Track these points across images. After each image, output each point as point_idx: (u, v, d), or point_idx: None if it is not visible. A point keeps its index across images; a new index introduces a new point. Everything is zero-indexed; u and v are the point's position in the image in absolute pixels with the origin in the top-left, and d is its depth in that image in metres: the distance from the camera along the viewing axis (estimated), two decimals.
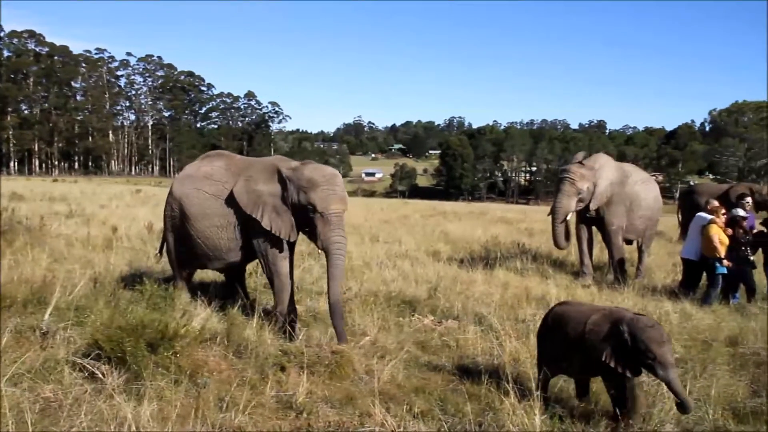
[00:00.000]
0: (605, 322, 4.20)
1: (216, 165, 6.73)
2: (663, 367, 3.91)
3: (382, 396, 4.71)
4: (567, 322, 4.49)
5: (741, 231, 8.53)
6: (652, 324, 4.05)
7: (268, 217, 6.20)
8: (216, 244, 6.55)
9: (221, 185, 6.51)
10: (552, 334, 4.64)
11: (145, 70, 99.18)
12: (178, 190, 6.74)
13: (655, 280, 10.29)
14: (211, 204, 6.48)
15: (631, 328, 4.00)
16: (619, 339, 4.03)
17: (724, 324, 7.13)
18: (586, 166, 9.89)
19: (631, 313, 4.21)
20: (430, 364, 5.62)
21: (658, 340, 3.93)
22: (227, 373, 4.97)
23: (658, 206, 11.04)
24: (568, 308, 4.70)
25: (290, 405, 4.45)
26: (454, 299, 7.64)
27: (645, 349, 3.92)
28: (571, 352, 4.39)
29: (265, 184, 6.31)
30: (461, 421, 4.27)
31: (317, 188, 6.05)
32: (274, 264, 6.31)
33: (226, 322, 5.98)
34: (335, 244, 6.03)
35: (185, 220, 6.61)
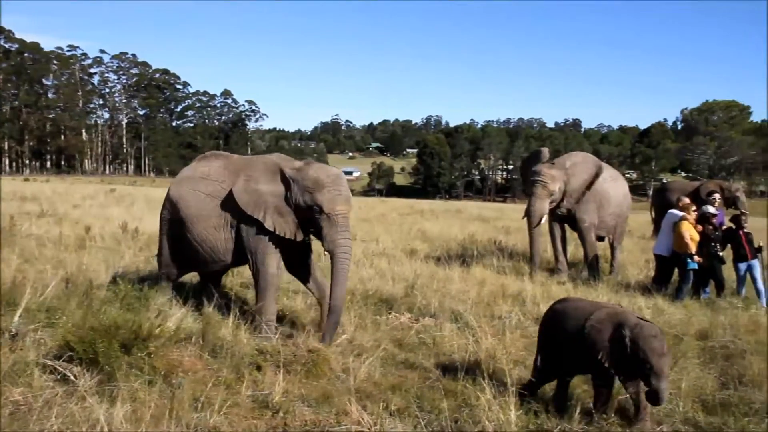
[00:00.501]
0: (608, 321, 4.17)
1: (213, 165, 6.60)
2: (658, 378, 3.90)
3: (358, 394, 4.72)
4: (567, 318, 4.46)
5: (710, 227, 8.70)
6: (655, 333, 4.01)
7: (271, 218, 6.09)
8: (214, 245, 6.40)
9: (218, 185, 6.38)
10: (553, 331, 4.59)
11: (119, 68, 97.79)
12: (174, 192, 6.60)
13: (628, 276, 10.45)
14: (208, 205, 6.34)
15: (634, 334, 3.98)
16: (620, 343, 4.01)
17: (695, 318, 7.27)
18: (556, 166, 9.99)
19: (636, 318, 4.17)
20: (407, 362, 5.63)
21: (659, 351, 3.91)
22: (202, 373, 4.92)
23: (627, 203, 11.23)
24: (569, 304, 4.68)
25: (266, 404, 4.43)
26: (431, 297, 7.67)
27: (644, 358, 3.91)
28: (568, 348, 4.37)
29: (267, 184, 6.19)
30: (438, 417, 4.28)
31: (323, 189, 5.98)
32: (263, 263, 6.18)
33: (201, 322, 5.91)
34: (342, 247, 5.99)
35: (182, 223, 6.45)
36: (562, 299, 5.01)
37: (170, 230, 6.68)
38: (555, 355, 4.53)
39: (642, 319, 4.16)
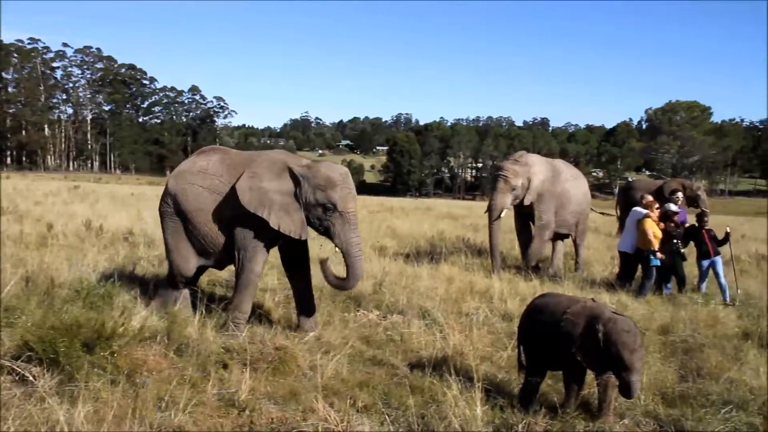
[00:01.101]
0: (582, 314, 4.18)
1: (211, 159, 6.47)
2: (629, 372, 3.94)
3: (325, 391, 4.71)
4: (545, 313, 4.47)
5: (672, 225, 8.92)
6: (629, 328, 4.01)
7: (276, 216, 6.00)
8: (214, 240, 6.32)
9: (216, 179, 6.27)
10: (531, 326, 4.60)
11: (82, 62, 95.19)
12: (172, 186, 6.45)
13: (594, 273, 10.64)
14: (206, 198, 6.25)
15: (607, 328, 3.99)
16: (593, 337, 4.02)
17: (657, 313, 7.45)
18: (519, 163, 10.18)
19: (611, 312, 4.17)
20: (375, 359, 5.65)
21: (631, 346, 3.92)
22: (167, 371, 4.85)
23: (588, 201, 11.47)
24: (548, 299, 4.69)
25: (232, 403, 4.39)
26: (400, 294, 7.69)
27: (616, 353, 3.92)
28: (545, 342, 4.39)
29: (272, 182, 6.08)
30: (404, 414, 4.30)
31: (336, 187, 5.99)
32: (250, 261, 6.13)
33: (166, 321, 5.83)
34: (356, 246, 6.07)
35: (182, 216, 6.35)
36: (542, 295, 5.00)
37: (174, 224, 6.47)
38: (535, 350, 4.55)
39: (617, 314, 4.16)
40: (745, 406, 4.58)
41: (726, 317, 7.34)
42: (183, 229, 6.40)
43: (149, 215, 15.02)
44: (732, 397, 4.74)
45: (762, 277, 10.41)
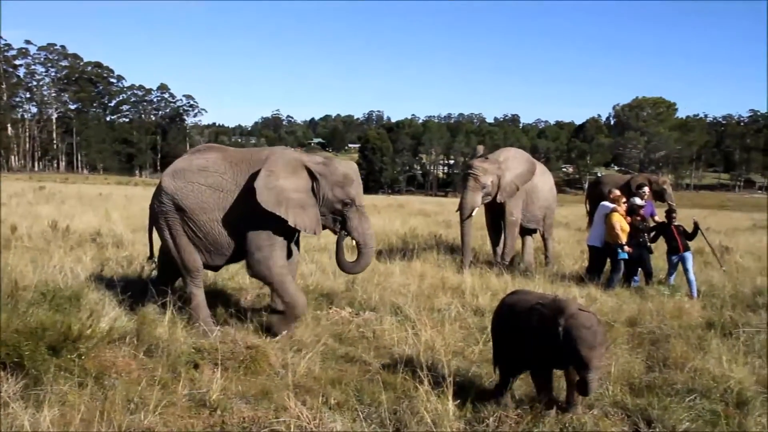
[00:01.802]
0: (548, 309, 4.15)
1: (210, 157, 6.36)
2: (586, 369, 3.90)
3: (298, 389, 4.71)
4: (514, 310, 4.47)
5: (639, 218, 9.09)
6: (589, 325, 3.95)
7: (293, 214, 6.02)
8: (216, 239, 6.23)
9: (219, 176, 6.18)
10: (502, 324, 4.60)
11: (47, 60, 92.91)
12: (170, 185, 6.26)
13: (564, 267, 10.78)
14: (209, 197, 6.15)
15: (568, 324, 3.95)
16: (553, 331, 4.00)
17: (625, 306, 7.58)
18: (489, 161, 10.24)
19: (576, 308, 4.08)
20: (347, 356, 5.66)
21: (589, 343, 3.88)
22: (137, 373, 4.80)
23: (554, 195, 11.66)
24: (519, 296, 4.67)
25: (204, 403, 4.36)
26: (372, 291, 7.70)
27: (574, 349, 3.90)
28: (513, 339, 4.39)
29: (288, 179, 6.07)
30: (377, 410, 4.32)
31: (353, 182, 6.21)
32: (270, 258, 6.10)
33: (136, 321, 5.76)
34: (372, 238, 6.38)
35: (182, 215, 6.22)
36: (513, 292, 4.99)
37: (171, 224, 6.31)
38: (507, 347, 4.55)
39: (582, 310, 4.08)
40: (708, 393, 4.70)
41: (691, 308, 7.51)
42: (182, 227, 6.29)
43: (118, 215, 14.82)
44: (696, 386, 4.86)
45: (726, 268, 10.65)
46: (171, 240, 6.34)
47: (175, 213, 6.25)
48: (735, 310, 7.47)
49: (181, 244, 6.30)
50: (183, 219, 6.24)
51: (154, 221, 6.54)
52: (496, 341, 4.72)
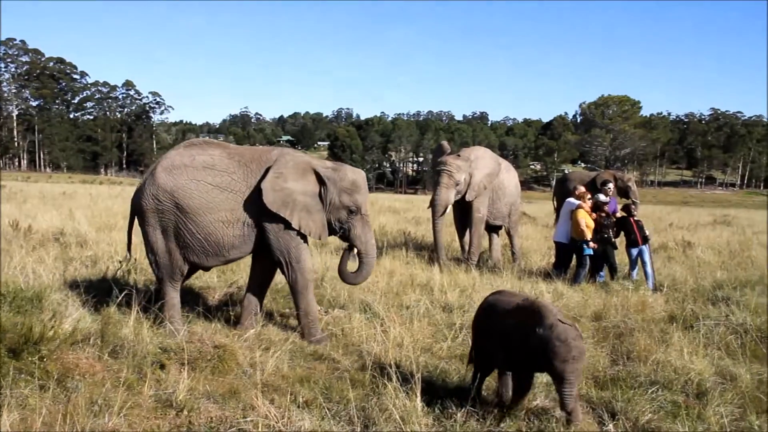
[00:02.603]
0: (527, 314, 4.07)
1: (214, 154, 6.11)
2: (558, 381, 3.88)
3: (266, 388, 4.68)
4: (497, 310, 4.41)
5: (603, 215, 9.26)
6: (565, 338, 3.85)
7: (298, 216, 5.98)
8: (219, 240, 6.02)
9: (228, 176, 5.98)
10: (483, 325, 4.53)
11: (6, 55, 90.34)
12: (168, 182, 5.92)
13: (531, 263, 10.92)
14: (216, 197, 5.93)
15: (545, 333, 3.88)
16: (531, 338, 3.94)
17: (591, 301, 7.72)
18: (462, 158, 10.30)
19: (555, 317, 3.98)
20: (316, 354, 5.64)
21: (563, 357, 3.82)
22: (101, 374, 4.70)
23: (518, 191, 11.81)
24: (500, 297, 4.58)
25: (170, 403, 4.30)
26: (341, 288, 7.69)
27: (548, 360, 3.87)
28: (493, 341, 4.34)
29: (296, 182, 6.02)
30: (346, 407, 4.31)
31: (361, 190, 6.19)
32: (298, 261, 6.06)
33: (100, 322, 5.65)
34: (373, 247, 6.35)
35: (182, 214, 5.91)
36: (497, 292, 4.84)
37: (162, 223, 6.04)
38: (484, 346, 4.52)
39: (563, 322, 3.98)
40: (670, 385, 4.83)
41: (654, 302, 7.68)
42: (177, 228, 6.02)
43: (82, 215, 14.51)
44: (658, 378, 4.99)
45: (688, 263, 10.93)
46: (160, 240, 6.07)
47: (173, 212, 5.95)
48: (696, 303, 7.67)
49: (170, 246, 6.07)
50: (181, 219, 5.95)
51: (140, 218, 6.20)
52: (475, 339, 4.69)
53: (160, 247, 6.09)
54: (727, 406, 4.43)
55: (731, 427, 4.13)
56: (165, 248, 6.08)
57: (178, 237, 6.04)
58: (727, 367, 5.29)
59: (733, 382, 4.98)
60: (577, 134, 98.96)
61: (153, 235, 6.08)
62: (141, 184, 6.25)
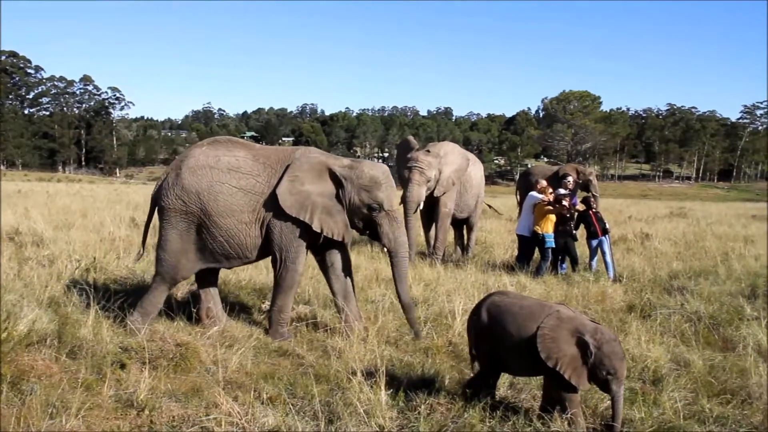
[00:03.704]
0: (563, 328, 3.94)
1: (239, 155, 5.98)
2: (618, 382, 3.81)
3: (229, 385, 4.65)
4: (509, 319, 4.16)
5: (564, 208, 9.42)
6: (615, 338, 3.92)
7: (318, 219, 5.84)
8: (242, 241, 5.93)
9: (252, 179, 5.88)
10: (490, 329, 4.27)
11: None
12: (193, 182, 5.83)
13: (495, 256, 11.05)
14: (240, 199, 5.84)
15: (597, 340, 3.83)
16: (583, 350, 3.85)
17: (553, 292, 7.86)
18: (431, 154, 10.30)
19: (590, 322, 4.00)
20: (280, 350, 5.62)
21: (620, 355, 3.83)
22: (59, 376, 4.60)
23: (483, 184, 11.92)
24: (509, 302, 4.31)
25: (131, 403, 4.23)
26: (306, 284, 7.67)
27: (609, 364, 3.78)
28: (513, 352, 4.15)
29: (313, 184, 5.88)
30: (310, 402, 4.30)
31: (381, 186, 5.93)
32: (294, 262, 5.92)
33: (57, 323, 5.52)
34: (403, 245, 6.08)
35: (206, 216, 5.82)
36: (498, 292, 4.62)
37: (186, 224, 5.91)
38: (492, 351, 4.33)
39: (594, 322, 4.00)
40: (628, 373, 4.90)
41: (614, 293, 7.87)
42: (199, 229, 5.91)
43: (38, 213, 14.11)
44: None
45: (646, 254, 11.22)
46: (176, 240, 5.93)
47: (197, 214, 5.86)
48: (653, 293, 7.88)
49: (186, 249, 5.96)
50: (204, 221, 5.86)
51: (160, 215, 6.08)
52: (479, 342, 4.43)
53: (173, 247, 5.97)
54: (680, 391, 4.57)
55: (685, 411, 4.25)
56: (179, 249, 5.96)
57: (199, 238, 5.94)
58: (682, 354, 5.45)
59: (686, 368, 5.13)
60: (539, 129, 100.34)
61: (170, 233, 5.97)
62: (163, 181, 6.11)
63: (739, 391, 4.71)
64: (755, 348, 5.58)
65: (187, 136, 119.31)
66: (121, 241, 10.26)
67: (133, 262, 7.74)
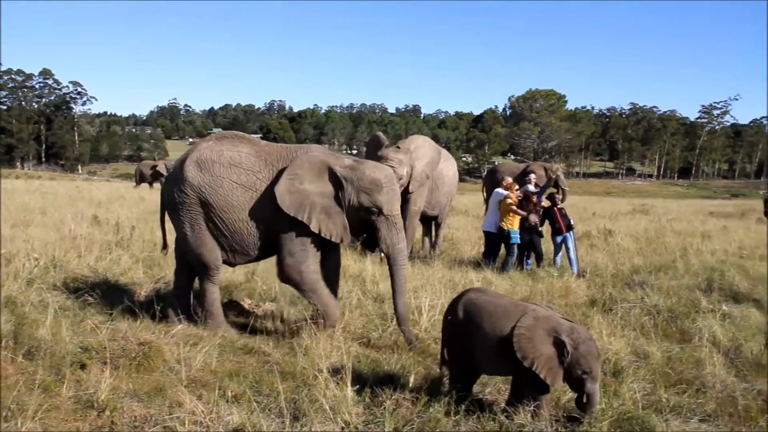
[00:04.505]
0: (539, 328, 3.95)
1: (242, 151, 5.92)
2: (593, 381, 3.87)
3: (194, 383, 4.61)
4: (485, 317, 4.16)
5: (532, 205, 9.56)
6: (590, 337, 3.97)
7: (317, 219, 5.70)
8: (244, 238, 5.90)
9: (253, 175, 5.81)
10: (465, 327, 4.27)
11: None
12: (195, 177, 5.84)
13: (462, 252, 11.14)
14: (241, 195, 5.79)
15: (573, 339, 3.86)
16: (559, 350, 3.88)
17: (518, 288, 7.96)
18: (402, 150, 10.24)
19: (566, 321, 4.02)
20: (246, 347, 5.58)
21: (596, 355, 3.88)
22: (15, 378, 4.48)
23: (456, 180, 11.91)
24: (485, 299, 4.31)
25: (91, 404, 4.15)
26: (272, 282, 7.61)
27: (585, 363, 3.81)
28: (488, 350, 4.14)
29: (312, 183, 5.74)
30: (276, 400, 4.28)
31: (382, 189, 5.74)
32: (304, 263, 5.79)
33: (13, 323, 5.37)
34: (402, 252, 5.88)
35: (207, 210, 5.85)
36: (473, 289, 4.66)
37: (193, 216, 5.93)
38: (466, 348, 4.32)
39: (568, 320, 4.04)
40: None
41: (577, 288, 8.01)
42: (205, 222, 5.93)
43: None
44: None
45: (609, 250, 11.44)
46: (191, 233, 5.97)
47: (199, 207, 5.89)
48: (615, 287, 8.05)
49: (202, 239, 5.96)
50: (207, 214, 5.89)
51: (170, 211, 6.11)
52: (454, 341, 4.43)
53: (190, 242, 6.00)
54: (640, 382, 4.69)
55: (643, 401, 4.36)
56: (195, 242, 5.98)
57: (209, 230, 5.96)
58: (641, 346, 5.59)
59: (645, 360, 5.27)
60: (506, 127, 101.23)
61: (183, 228, 6.02)
62: (170, 175, 6.16)
63: (694, 381, 4.86)
64: (710, 339, 5.76)
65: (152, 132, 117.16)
66: (83, 240, 10.02)
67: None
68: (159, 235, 9.86)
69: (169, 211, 6.18)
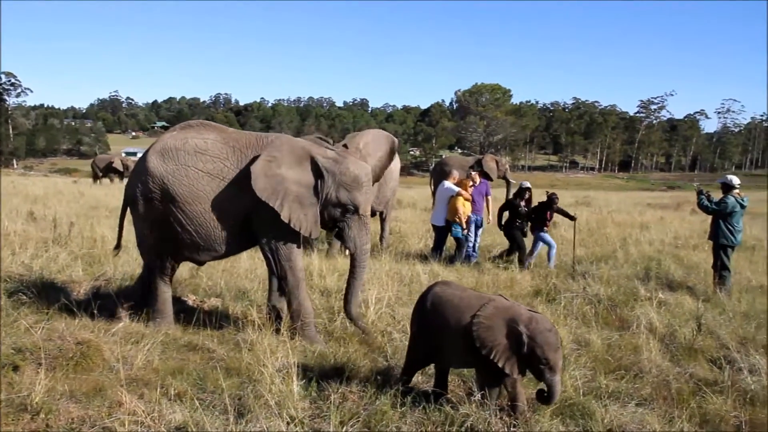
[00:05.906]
0: (498, 317, 3.96)
1: (208, 138, 5.59)
2: (552, 372, 3.84)
3: (135, 383, 4.49)
4: (449, 308, 4.21)
5: (522, 202, 9.73)
6: (550, 327, 3.91)
7: (288, 208, 5.38)
8: (210, 232, 5.55)
9: (220, 162, 5.49)
10: (431, 319, 4.30)
11: None
12: (158, 167, 5.49)
13: (409, 245, 11.20)
14: (207, 184, 5.45)
15: (530, 330, 3.85)
16: (516, 339, 3.87)
17: (464, 279, 8.06)
18: (351, 150, 10.06)
19: (526, 311, 4.01)
20: (190, 344, 5.46)
21: (554, 345, 3.83)
22: None
23: (398, 176, 11.86)
24: (450, 292, 4.34)
25: (24, 407, 3.97)
26: (218, 277, 7.49)
27: (541, 353, 3.80)
28: (452, 342, 4.17)
29: (291, 169, 5.43)
30: (220, 396, 4.21)
31: (362, 188, 5.55)
32: (288, 259, 5.54)
33: None
34: (367, 254, 5.80)
35: (170, 203, 5.48)
36: (440, 282, 4.62)
37: (151, 212, 5.59)
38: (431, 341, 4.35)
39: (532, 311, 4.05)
40: None
41: (522, 279, 8.19)
42: (168, 218, 5.55)
43: None
44: None
45: None
46: (149, 229, 5.70)
47: (162, 200, 5.54)
48: (558, 278, 8.26)
49: (160, 236, 5.67)
50: (170, 208, 5.53)
51: (131, 205, 5.78)
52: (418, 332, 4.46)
53: (148, 240, 5.74)
54: (581, 370, 4.84)
55: (584, 388, 4.50)
56: (153, 240, 5.71)
57: (168, 228, 5.60)
58: (583, 335, 5.76)
59: (586, 348, 5.43)
60: (453, 121, 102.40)
61: (142, 225, 5.74)
62: (134, 168, 5.80)
63: (632, 366, 5.05)
64: (647, 326, 5.99)
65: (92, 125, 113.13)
66: (17, 236, 9.61)
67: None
68: (100, 232, 9.61)
69: (131, 207, 5.84)
